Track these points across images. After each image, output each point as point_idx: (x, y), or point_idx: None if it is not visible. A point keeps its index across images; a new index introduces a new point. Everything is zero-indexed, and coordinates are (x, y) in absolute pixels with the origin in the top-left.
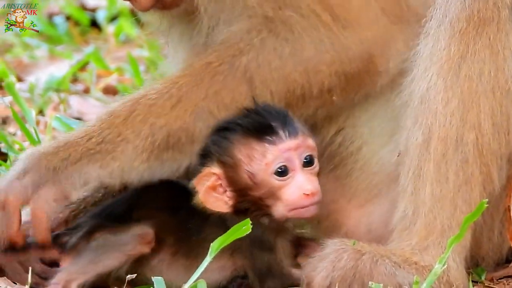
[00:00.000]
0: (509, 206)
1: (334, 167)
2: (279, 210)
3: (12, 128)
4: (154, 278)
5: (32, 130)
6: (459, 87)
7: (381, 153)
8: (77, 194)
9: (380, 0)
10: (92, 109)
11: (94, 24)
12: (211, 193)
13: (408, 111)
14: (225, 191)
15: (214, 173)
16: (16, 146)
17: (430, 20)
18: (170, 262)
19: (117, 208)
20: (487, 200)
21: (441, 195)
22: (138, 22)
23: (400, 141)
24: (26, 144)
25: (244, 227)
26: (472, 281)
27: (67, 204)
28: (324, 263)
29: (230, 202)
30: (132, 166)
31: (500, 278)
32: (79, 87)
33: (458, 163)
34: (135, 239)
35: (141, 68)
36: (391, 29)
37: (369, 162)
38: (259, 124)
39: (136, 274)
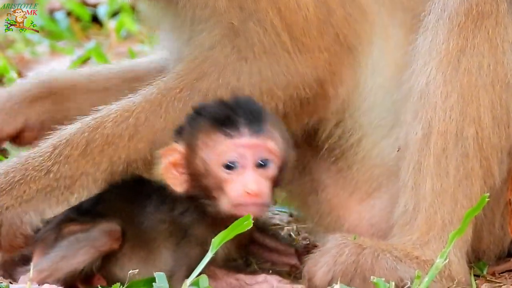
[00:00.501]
0: (510, 200)
1: (335, 160)
2: (223, 203)
3: None
4: (156, 274)
5: None
6: (458, 81)
7: (381, 145)
8: (34, 228)
9: (337, 25)
10: None
11: (95, 19)
12: (171, 169)
13: (407, 105)
14: (183, 172)
15: (178, 151)
16: None
17: (429, 15)
18: (130, 255)
19: (84, 202)
20: (488, 194)
21: (441, 189)
22: (139, 18)
23: (400, 135)
24: None
25: (245, 222)
26: (474, 275)
27: (25, 238)
28: (325, 258)
29: (184, 185)
30: (89, 195)
31: (502, 272)
32: None
33: (459, 157)
34: (105, 235)
35: None
36: (342, 56)
37: (369, 154)
38: (225, 115)
39: (137, 270)
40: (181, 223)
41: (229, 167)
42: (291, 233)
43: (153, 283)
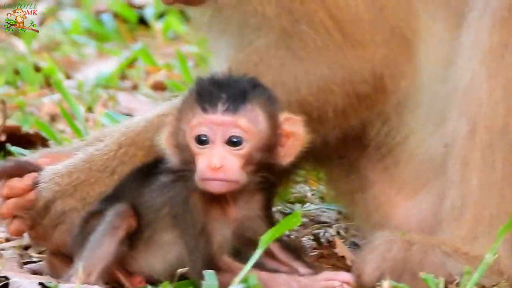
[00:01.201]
0: None
1: (382, 157)
2: (196, 178)
3: (61, 125)
4: (205, 272)
5: (81, 127)
6: (502, 76)
7: (427, 142)
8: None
9: (391, 19)
10: (141, 105)
11: (142, 21)
12: (170, 140)
13: (453, 101)
14: (172, 143)
15: (170, 121)
16: (65, 144)
17: (472, 11)
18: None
19: (106, 195)
20: None
21: (488, 184)
22: (186, 19)
23: (446, 132)
24: (75, 141)
25: (294, 220)
26: None
27: None
28: (374, 255)
29: (175, 158)
30: None
31: None
32: (128, 83)
33: (505, 152)
34: (116, 215)
35: (190, 64)
36: (399, 51)
37: (416, 151)
38: (208, 91)
39: (186, 268)
40: (179, 206)
41: (200, 141)
42: (340, 230)
43: (202, 282)
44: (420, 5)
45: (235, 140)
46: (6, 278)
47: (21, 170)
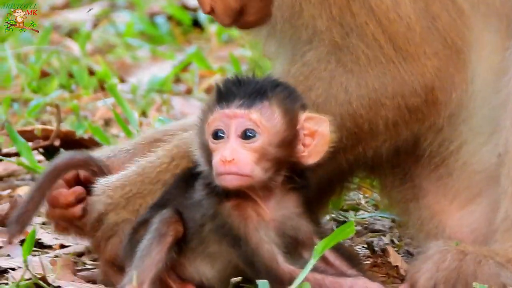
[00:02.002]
0: None
1: (435, 167)
2: (213, 173)
3: (114, 130)
4: (258, 282)
5: (135, 132)
6: None
7: (481, 152)
8: None
9: (443, 30)
10: (195, 110)
11: (196, 24)
12: (196, 142)
13: (506, 111)
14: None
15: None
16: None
17: None
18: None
19: (152, 204)
20: None
21: None
22: None
23: (500, 141)
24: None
25: (348, 229)
26: None
27: None
28: (428, 264)
29: (201, 159)
30: None
31: None
32: (182, 87)
33: None
34: (163, 222)
35: (244, 67)
36: (450, 63)
37: (469, 161)
38: (227, 89)
39: (241, 278)
40: (215, 220)
41: (216, 136)
42: (394, 238)
43: None
44: (471, 15)
45: (248, 133)
46: (60, 286)
47: (87, 165)
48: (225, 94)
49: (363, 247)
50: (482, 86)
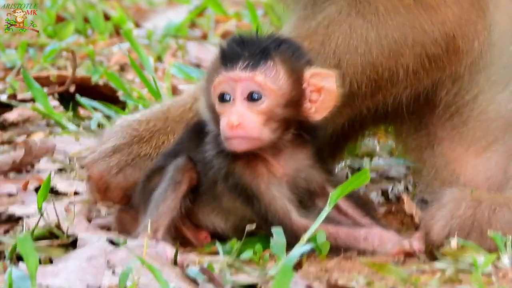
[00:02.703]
0: None
1: (450, 116)
2: (222, 136)
3: (130, 75)
4: (273, 229)
5: (150, 77)
6: None
7: (497, 100)
8: None
9: None
10: (210, 55)
11: None
12: (203, 103)
13: None
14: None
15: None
16: (135, 94)
17: None
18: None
19: (166, 152)
20: None
21: None
22: None
23: None
24: (145, 91)
25: (362, 177)
26: None
27: None
28: (442, 212)
29: (209, 121)
30: None
31: None
32: (197, 33)
33: None
34: (178, 169)
35: (259, 12)
36: (471, 10)
37: (485, 110)
38: (231, 49)
39: (254, 225)
40: (227, 178)
41: (222, 99)
42: (409, 186)
43: (271, 238)
44: None
45: (254, 96)
46: (74, 234)
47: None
48: (229, 55)
49: (377, 194)
50: (500, 35)
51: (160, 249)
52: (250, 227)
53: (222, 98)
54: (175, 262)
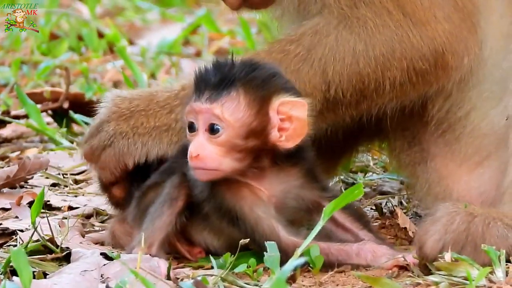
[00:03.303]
0: None
1: (442, 133)
2: None
3: None
4: (267, 243)
5: None
6: None
7: (490, 116)
8: (135, 162)
9: None
10: None
11: None
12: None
13: None
14: None
15: None
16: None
17: None
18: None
19: (162, 169)
20: None
21: None
22: None
23: (509, 104)
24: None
25: (356, 191)
26: None
27: (123, 169)
28: (436, 226)
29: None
30: None
31: None
32: (191, 50)
33: None
34: (174, 186)
35: (253, 30)
36: (463, 26)
37: (478, 126)
38: (201, 78)
39: (248, 239)
40: (212, 200)
41: (191, 128)
42: (402, 200)
43: (264, 253)
44: None
45: (214, 128)
46: (68, 248)
47: None
48: (198, 84)
49: (371, 209)
50: (491, 51)
51: (154, 263)
52: (243, 241)
53: (190, 127)
54: (168, 276)
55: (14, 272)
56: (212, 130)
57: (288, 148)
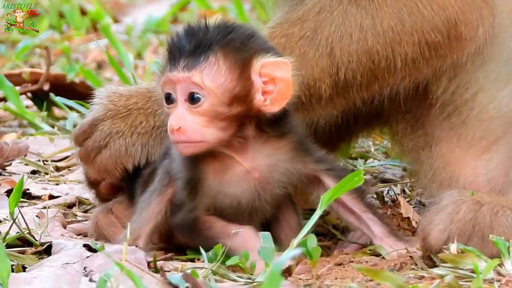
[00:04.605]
0: None
1: (447, 116)
2: None
3: (108, 73)
4: (261, 233)
5: (129, 75)
6: None
7: (498, 98)
8: (134, 164)
9: None
10: None
11: None
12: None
13: None
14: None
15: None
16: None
17: None
18: None
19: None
20: None
21: None
22: None
23: None
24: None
25: (356, 178)
26: None
27: (122, 171)
28: (441, 216)
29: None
30: None
31: None
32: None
33: None
34: (165, 172)
35: (246, 7)
36: None
37: (485, 109)
38: (175, 46)
39: (241, 230)
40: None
41: (168, 100)
42: (405, 188)
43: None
44: None
45: (194, 97)
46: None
47: None
48: (172, 52)
49: (372, 197)
50: (500, 28)
51: (140, 255)
52: (236, 231)
53: (168, 99)
54: (155, 269)
55: None
56: (192, 99)
57: (274, 113)
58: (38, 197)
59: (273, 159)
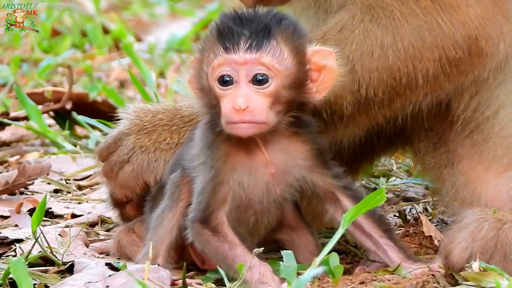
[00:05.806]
0: None
1: (469, 133)
2: (222, 122)
3: (130, 92)
4: (283, 252)
5: (152, 94)
6: None
7: None
8: (156, 180)
9: None
10: None
11: None
12: (193, 83)
13: None
14: (196, 86)
15: (192, 64)
16: None
17: None
18: None
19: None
20: None
21: None
22: None
23: None
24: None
25: (378, 197)
26: None
27: (142, 186)
28: (463, 234)
29: (200, 102)
30: None
31: None
32: None
33: None
34: (175, 185)
35: None
36: (496, 10)
37: (506, 126)
38: (229, 28)
39: (262, 248)
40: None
41: (223, 82)
42: (427, 207)
43: (281, 262)
44: None
45: (260, 78)
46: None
47: None
48: (228, 34)
49: (394, 215)
50: None
51: (162, 273)
52: (257, 250)
53: (222, 81)
54: (184, 286)
55: (13, 284)
56: (258, 80)
57: (316, 101)
58: (61, 216)
59: (292, 160)
